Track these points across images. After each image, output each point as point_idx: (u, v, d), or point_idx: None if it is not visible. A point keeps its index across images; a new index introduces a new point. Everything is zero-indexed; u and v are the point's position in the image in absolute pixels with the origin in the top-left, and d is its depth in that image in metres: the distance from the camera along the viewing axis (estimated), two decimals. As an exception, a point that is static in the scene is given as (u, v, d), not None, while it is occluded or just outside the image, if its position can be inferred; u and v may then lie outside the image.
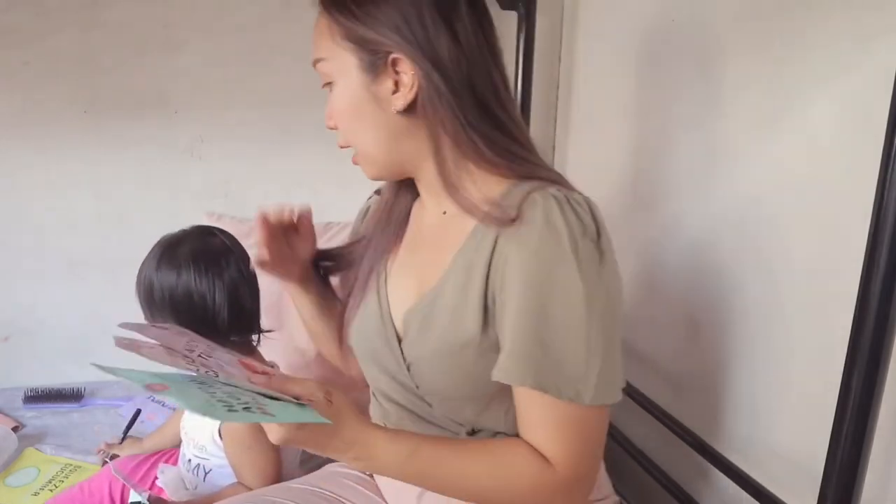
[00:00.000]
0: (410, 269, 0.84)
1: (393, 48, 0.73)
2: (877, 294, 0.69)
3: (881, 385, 0.71)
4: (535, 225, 0.68)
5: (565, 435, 0.70)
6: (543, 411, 0.70)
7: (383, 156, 0.79)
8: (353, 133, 0.79)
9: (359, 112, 0.77)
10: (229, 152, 1.65)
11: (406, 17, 0.73)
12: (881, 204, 0.68)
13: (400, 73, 0.74)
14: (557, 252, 0.68)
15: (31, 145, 1.54)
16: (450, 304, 0.75)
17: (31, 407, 1.50)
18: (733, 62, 1.06)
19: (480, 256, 0.73)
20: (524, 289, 0.68)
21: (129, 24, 1.53)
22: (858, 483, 0.74)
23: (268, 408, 0.59)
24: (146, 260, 1.05)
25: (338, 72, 0.76)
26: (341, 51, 0.75)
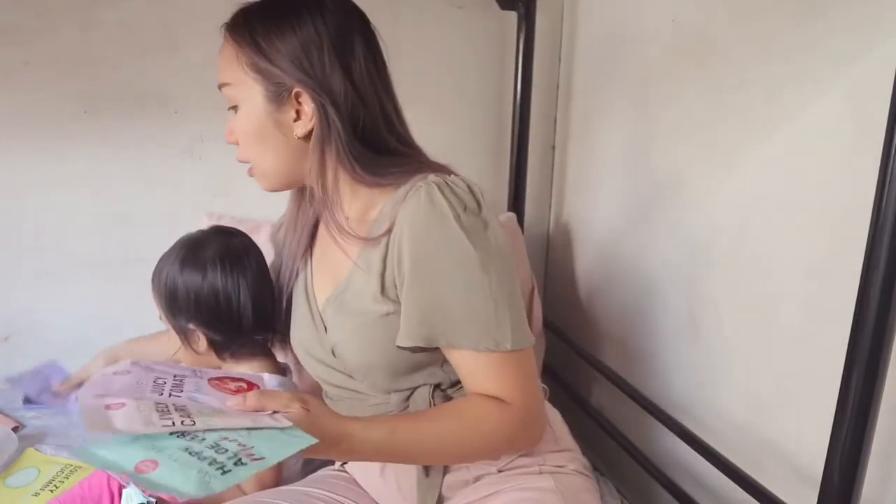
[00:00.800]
0: (325, 267, 0.94)
1: (295, 84, 0.81)
2: (876, 294, 0.69)
3: (881, 385, 0.71)
4: (420, 206, 0.79)
5: (505, 377, 0.80)
6: (477, 364, 0.80)
7: (279, 173, 0.87)
8: (254, 152, 0.86)
9: (261, 135, 0.84)
10: (229, 152, 1.62)
11: (308, 55, 0.81)
12: (881, 203, 0.68)
13: (302, 104, 0.82)
14: (444, 225, 0.78)
15: (31, 145, 1.54)
16: (359, 291, 0.86)
17: (31, 407, 1.50)
18: (733, 62, 1.06)
19: (375, 256, 0.83)
20: (418, 261, 0.78)
21: (129, 24, 1.53)
22: (858, 483, 0.74)
23: (255, 449, 0.59)
24: (166, 261, 1.05)
25: (243, 98, 0.83)
26: (247, 79, 0.82)
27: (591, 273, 1.57)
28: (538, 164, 1.75)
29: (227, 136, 0.88)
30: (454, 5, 1.65)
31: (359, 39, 0.85)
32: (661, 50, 1.26)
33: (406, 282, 0.80)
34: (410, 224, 0.79)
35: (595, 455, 1.15)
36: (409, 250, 0.79)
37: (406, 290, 0.80)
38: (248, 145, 0.86)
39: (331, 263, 0.92)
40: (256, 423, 0.63)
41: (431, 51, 1.66)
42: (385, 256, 0.83)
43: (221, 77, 0.85)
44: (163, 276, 1.04)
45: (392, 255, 0.82)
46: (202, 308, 1.03)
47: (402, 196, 0.82)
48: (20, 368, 1.61)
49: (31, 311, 1.62)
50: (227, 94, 0.85)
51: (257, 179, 0.90)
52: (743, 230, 1.06)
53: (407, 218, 0.80)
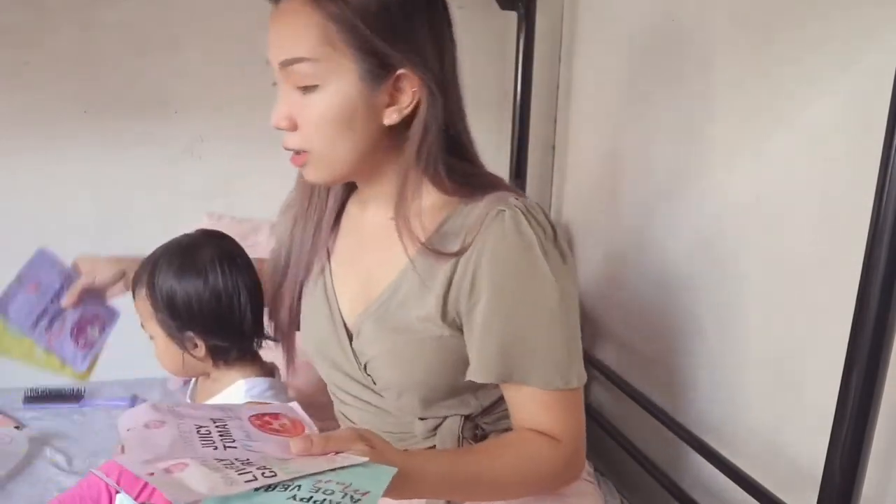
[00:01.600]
0: (357, 269, 0.86)
1: (403, 63, 0.72)
2: (876, 294, 0.69)
3: (881, 385, 0.71)
4: (507, 234, 0.74)
5: (562, 414, 0.77)
6: (537, 400, 0.76)
7: (346, 163, 0.77)
8: (326, 139, 0.75)
9: (345, 120, 0.74)
10: (229, 152, 1.65)
11: (413, 32, 0.73)
12: (881, 203, 0.68)
13: (399, 88, 0.74)
14: (531, 257, 0.74)
15: (31, 145, 1.54)
16: (404, 304, 0.79)
17: (31, 407, 1.50)
18: (733, 62, 1.06)
19: (438, 272, 0.77)
20: (502, 293, 0.74)
21: (129, 24, 1.53)
22: (858, 483, 0.74)
23: (353, 486, 0.56)
24: (158, 272, 1.01)
25: (328, 76, 0.72)
26: (336, 55, 0.71)
27: (591, 273, 1.57)
28: (538, 164, 1.74)
29: (279, 120, 0.75)
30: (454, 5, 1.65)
31: (448, 23, 0.77)
32: (661, 50, 1.26)
33: (483, 313, 0.75)
34: (494, 252, 0.74)
35: (594, 455, 1.15)
36: (491, 280, 0.74)
37: (483, 322, 0.75)
38: (321, 131, 0.74)
39: (364, 267, 0.85)
40: (332, 464, 0.59)
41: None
42: (452, 276, 0.76)
43: (290, 51, 0.72)
44: (158, 288, 1.00)
45: (463, 277, 0.75)
46: (205, 314, 1.00)
47: (479, 215, 0.76)
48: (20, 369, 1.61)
49: (31, 311, 1.62)
50: (299, 71, 0.72)
51: (309, 170, 0.78)
52: (743, 230, 1.06)
53: (490, 244, 0.74)
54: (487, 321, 0.75)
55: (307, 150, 0.76)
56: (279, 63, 0.73)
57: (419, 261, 0.78)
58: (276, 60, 0.74)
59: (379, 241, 0.83)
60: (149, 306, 1.02)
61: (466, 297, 0.75)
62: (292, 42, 0.72)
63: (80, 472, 1.28)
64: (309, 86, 0.73)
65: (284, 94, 0.75)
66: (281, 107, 0.75)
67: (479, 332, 0.75)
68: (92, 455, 1.34)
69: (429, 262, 0.77)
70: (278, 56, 0.73)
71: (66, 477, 1.27)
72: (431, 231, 0.78)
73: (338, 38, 0.71)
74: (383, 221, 0.82)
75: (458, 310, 0.77)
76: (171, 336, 1.02)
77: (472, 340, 0.77)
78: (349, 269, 0.87)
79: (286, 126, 0.76)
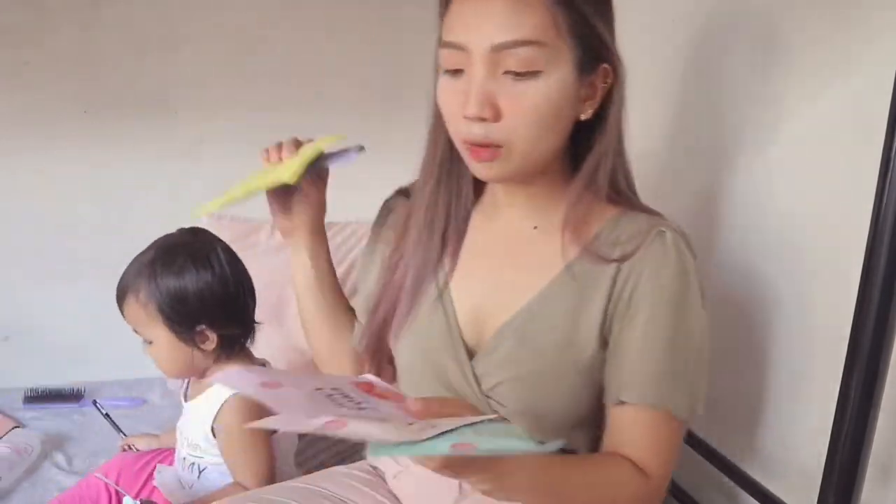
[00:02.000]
0: (484, 284, 0.80)
1: (609, 57, 0.70)
2: (876, 294, 0.69)
3: (881, 385, 0.71)
4: (670, 257, 0.72)
5: (666, 447, 0.75)
6: (654, 428, 0.74)
7: (543, 161, 0.73)
8: (533, 132, 0.69)
9: (558, 112, 0.69)
10: (229, 153, 1.64)
11: (611, 21, 0.70)
12: (881, 203, 0.68)
13: (596, 83, 0.71)
14: (688, 284, 0.73)
15: (31, 145, 1.54)
16: (554, 325, 0.74)
17: (31, 407, 1.50)
18: (733, 62, 1.06)
19: (600, 280, 0.74)
20: (660, 317, 0.72)
21: (129, 24, 1.53)
22: (858, 483, 0.74)
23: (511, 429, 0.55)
24: (157, 276, 1.01)
25: (551, 62, 0.67)
26: (560, 41, 0.67)
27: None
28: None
29: (482, 108, 0.67)
30: (454, 5, 1.65)
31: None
32: (660, 50, 1.26)
33: (640, 334, 0.72)
34: (655, 273, 0.72)
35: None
36: (650, 301, 0.72)
37: (639, 343, 0.73)
38: (531, 122, 0.68)
39: (494, 280, 0.79)
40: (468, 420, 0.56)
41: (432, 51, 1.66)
42: (612, 289, 0.73)
43: (514, 32, 0.66)
44: (165, 288, 1.00)
45: (622, 291, 0.73)
46: (217, 303, 1.02)
47: (638, 230, 0.74)
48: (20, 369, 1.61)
49: (31, 311, 1.62)
50: (523, 55, 0.66)
51: (496, 166, 0.71)
52: (743, 229, 1.06)
53: (651, 263, 0.72)
54: (644, 342, 0.72)
55: (505, 143, 0.69)
56: (495, 44, 0.66)
57: (577, 267, 0.75)
58: (491, 41, 0.66)
59: (517, 252, 0.79)
60: (147, 311, 1.02)
61: (623, 313, 0.73)
62: (517, 22, 0.66)
63: (80, 472, 1.28)
64: (529, 71, 0.67)
65: (482, 80, 0.68)
66: (479, 94, 0.67)
67: (635, 353, 0.73)
68: (92, 455, 1.34)
69: (586, 270, 0.74)
70: (495, 36, 0.66)
71: (66, 477, 1.27)
72: (589, 238, 0.75)
73: (563, 21, 0.67)
74: (521, 230, 0.79)
75: (612, 326, 0.74)
76: (178, 335, 1.02)
77: (622, 360, 0.74)
78: (473, 282, 0.81)
79: (490, 115, 0.68)
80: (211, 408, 1.03)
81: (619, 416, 0.75)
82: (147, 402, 1.56)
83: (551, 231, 0.77)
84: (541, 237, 0.78)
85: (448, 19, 0.72)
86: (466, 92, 0.69)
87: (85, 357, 1.63)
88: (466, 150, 0.72)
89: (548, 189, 0.77)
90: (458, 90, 0.70)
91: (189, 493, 1.09)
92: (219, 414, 1.03)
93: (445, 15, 0.73)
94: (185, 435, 1.09)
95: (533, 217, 0.79)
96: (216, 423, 1.03)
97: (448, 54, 0.71)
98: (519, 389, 0.76)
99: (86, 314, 1.62)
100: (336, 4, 1.60)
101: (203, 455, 1.07)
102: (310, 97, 1.63)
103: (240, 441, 1.02)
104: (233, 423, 1.02)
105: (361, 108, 1.65)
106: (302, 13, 1.59)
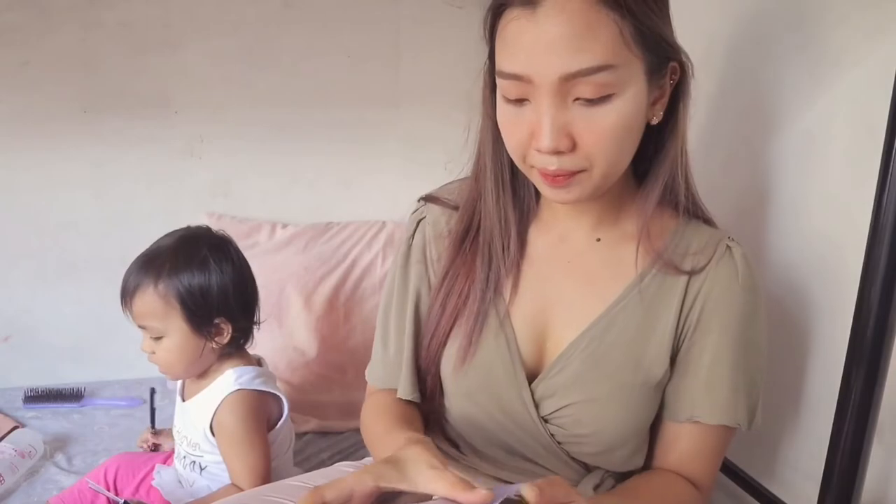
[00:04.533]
0: (549, 301, 0.75)
1: (675, 51, 0.66)
2: (876, 294, 0.69)
3: (881, 385, 0.71)
4: (741, 275, 0.71)
5: (717, 461, 0.75)
6: (713, 443, 0.74)
7: (617, 174, 0.67)
8: (613, 151, 0.64)
9: (634, 127, 0.65)
10: (229, 152, 1.65)
11: (669, 16, 0.65)
12: (881, 203, 0.68)
13: (665, 83, 0.67)
14: (757, 300, 0.72)
15: (31, 145, 1.54)
16: (624, 343, 0.72)
17: (31, 407, 1.50)
18: (733, 62, 1.06)
19: (669, 296, 0.72)
20: (732, 335, 0.71)
21: (129, 24, 1.53)
22: (858, 483, 0.74)
23: None
24: (177, 271, 1.00)
25: (625, 81, 0.61)
26: (632, 56, 0.61)
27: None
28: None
29: (559, 142, 0.62)
30: (454, 5, 1.65)
31: None
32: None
33: (711, 354, 0.71)
34: (728, 291, 0.71)
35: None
36: (722, 320, 0.71)
37: (712, 360, 0.71)
38: (609, 144, 0.63)
39: (554, 301, 0.75)
40: None
41: (431, 51, 1.66)
42: (682, 306, 0.71)
43: (586, 59, 0.59)
44: (188, 283, 1.00)
45: (692, 309, 0.71)
46: (237, 296, 1.04)
47: (707, 243, 0.72)
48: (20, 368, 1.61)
49: (31, 311, 1.62)
50: (598, 81, 0.60)
51: (574, 189, 0.66)
52: (744, 230, 1.06)
53: (722, 280, 0.71)
54: (716, 361, 0.71)
55: (586, 168, 0.65)
56: (564, 75, 0.60)
57: (648, 280, 0.72)
58: (560, 72, 0.60)
59: (581, 266, 0.75)
60: (166, 302, 1.01)
61: (693, 329, 0.72)
62: (585, 47, 0.59)
63: (80, 471, 1.28)
64: (603, 96, 0.61)
65: (553, 112, 0.62)
66: (552, 127, 0.62)
67: (706, 371, 0.71)
68: (92, 455, 1.34)
69: (657, 283, 0.72)
70: (564, 66, 0.60)
71: (66, 477, 1.27)
72: (661, 248, 0.72)
73: (630, 34, 0.60)
74: (584, 242, 0.76)
75: (682, 343, 0.72)
76: (195, 328, 1.02)
77: (693, 379, 0.72)
78: (532, 301, 0.76)
79: (566, 147, 0.63)
80: (209, 406, 1.04)
81: (681, 432, 0.74)
82: (147, 402, 1.56)
83: (617, 242, 0.74)
84: (606, 249, 0.75)
85: (503, 45, 0.65)
86: (534, 123, 0.64)
87: (85, 357, 1.63)
88: (539, 175, 0.67)
89: (613, 198, 0.73)
90: (523, 120, 0.65)
91: (190, 491, 1.09)
92: (217, 412, 1.03)
93: (497, 39, 0.66)
94: (184, 434, 1.09)
95: (597, 229, 0.75)
96: (214, 421, 1.03)
97: (507, 84, 0.65)
98: (583, 413, 0.72)
99: (86, 314, 1.62)
100: (336, 4, 1.60)
101: (203, 454, 1.07)
102: (310, 97, 1.63)
103: (236, 439, 1.02)
104: (230, 421, 1.02)
105: (361, 108, 1.65)
106: (302, 12, 1.59)
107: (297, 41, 1.60)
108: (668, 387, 0.75)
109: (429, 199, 0.85)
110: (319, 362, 1.52)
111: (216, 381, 1.06)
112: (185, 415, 1.09)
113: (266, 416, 1.07)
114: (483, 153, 0.77)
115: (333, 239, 1.63)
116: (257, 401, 1.05)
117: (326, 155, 1.66)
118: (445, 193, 0.84)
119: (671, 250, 0.73)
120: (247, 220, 1.64)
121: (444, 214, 0.82)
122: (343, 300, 1.56)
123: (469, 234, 0.78)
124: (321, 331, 1.53)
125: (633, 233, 0.73)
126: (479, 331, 0.75)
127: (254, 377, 1.06)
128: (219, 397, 1.03)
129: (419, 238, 0.84)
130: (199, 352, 1.04)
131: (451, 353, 0.77)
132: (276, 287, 1.53)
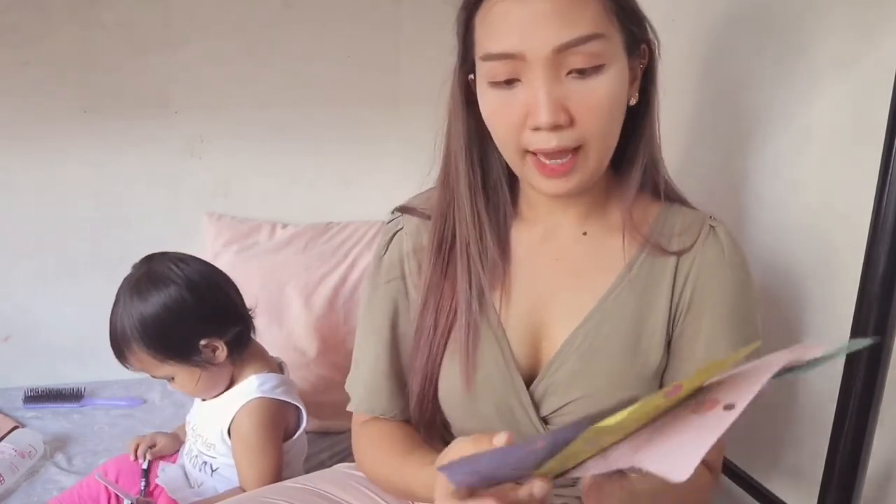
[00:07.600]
0: (539, 300, 0.74)
1: (646, 34, 0.67)
2: (876, 294, 0.69)
3: (881, 385, 0.71)
4: (727, 253, 0.72)
5: (725, 442, 0.72)
6: None
7: (608, 156, 0.68)
8: (604, 126, 0.65)
9: (621, 102, 0.66)
10: (229, 152, 1.65)
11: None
12: (881, 203, 0.68)
13: (638, 62, 0.67)
14: (746, 275, 0.72)
15: (31, 145, 1.54)
16: (619, 333, 0.71)
17: (31, 407, 1.50)
18: (733, 62, 1.06)
19: (660, 282, 0.72)
20: (725, 313, 0.71)
21: (129, 24, 1.53)
22: (858, 483, 0.74)
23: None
24: (135, 314, 0.99)
25: (613, 52, 0.63)
26: (613, 29, 0.64)
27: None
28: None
29: (557, 115, 0.62)
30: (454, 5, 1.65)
31: None
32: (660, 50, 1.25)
33: (706, 335, 0.70)
34: (716, 270, 0.71)
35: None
36: (714, 300, 0.70)
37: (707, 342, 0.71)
38: (601, 118, 0.64)
39: (544, 300, 0.74)
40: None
41: (431, 51, 1.66)
42: (672, 288, 0.71)
43: (578, 28, 0.61)
44: (146, 328, 0.99)
45: (682, 292, 0.71)
46: (199, 311, 1.01)
47: (691, 223, 0.73)
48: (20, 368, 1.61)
49: (31, 311, 1.62)
50: (590, 50, 0.62)
51: (575, 175, 0.66)
52: (743, 230, 1.06)
53: (710, 259, 0.71)
54: (711, 341, 0.71)
55: (582, 144, 0.65)
56: (557, 45, 0.61)
57: (638, 265, 0.72)
58: (554, 43, 0.61)
59: (568, 261, 0.74)
60: (149, 357, 1.01)
61: (686, 312, 0.71)
62: (577, 17, 0.61)
63: (80, 471, 1.28)
64: (595, 66, 0.62)
65: (548, 85, 0.62)
66: (549, 101, 0.62)
67: (703, 353, 0.70)
68: (92, 455, 1.34)
69: (646, 268, 0.72)
70: (557, 37, 0.61)
71: (65, 477, 1.27)
72: (646, 232, 0.72)
73: (612, 10, 0.64)
74: (569, 237, 0.75)
75: (675, 326, 0.72)
76: (187, 362, 1.02)
77: (688, 361, 0.71)
78: (522, 303, 0.75)
79: (565, 121, 0.63)
80: (230, 408, 1.04)
81: None
82: (147, 402, 1.56)
83: (604, 234, 0.74)
84: (592, 242, 0.74)
85: (488, 29, 0.65)
86: (528, 101, 0.64)
87: (85, 357, 1.63)
88: (534, 167, 0.66)
89: (599, 190, 0.73)
90: (516, 101, 0.65)
91: (196, 491, 1.09)
92: (236, 416, 1.03)
93: (479, 27, 0.67)
94: (200, 433, 1.09)
95: (585, 222, 0.75)
96: (233, 424, 1.04)
97: (496, 66, 0.64)
98: (584, 409, 0.71)
99: (86, 314, 1.62)
100: (336, 4, 1.60)
101: (217, 456, 1.07)
102: (310, 97, 1.63)
103: (251, 445, 1.03)
104: (247, 427, 1.03)
105: (361, 108, 1.65)
106: (302, 13, 1.59)
107: (297, 41, 1.60)
108: (666, 374, 0.74)
109: (404, 210, 0.83)
110: (319, 362, 1.52)
111: (238, 385, 1.06)
112: (203, 413, 1.09)
113: (283, 425, 1.07)
114: (454, 156, 0.75)
115: (333, 239, 1.63)
116: (277, 410, 1.05)
117: (326, 155, 1.66)
118: (420, 203, 0.82)
119: (657, 233, 0.73)
120: (247, 220, 1.64)
121: (422, 225, 0.80)
122: (343, 300, 1.56)
123: (444, 245, 0.76)
124: (321, 331, 1.53)
125: (618, 223, 0.73)
126: (474, 345, 0.73)
127: (276, 385, 1.06)
128: (240, 402, 1.03)
129: (394, 251, 0.81)
130: (209, 375, 1.04)
131: (453, 373, 0.75)
132: (276, 287, 1.53)
